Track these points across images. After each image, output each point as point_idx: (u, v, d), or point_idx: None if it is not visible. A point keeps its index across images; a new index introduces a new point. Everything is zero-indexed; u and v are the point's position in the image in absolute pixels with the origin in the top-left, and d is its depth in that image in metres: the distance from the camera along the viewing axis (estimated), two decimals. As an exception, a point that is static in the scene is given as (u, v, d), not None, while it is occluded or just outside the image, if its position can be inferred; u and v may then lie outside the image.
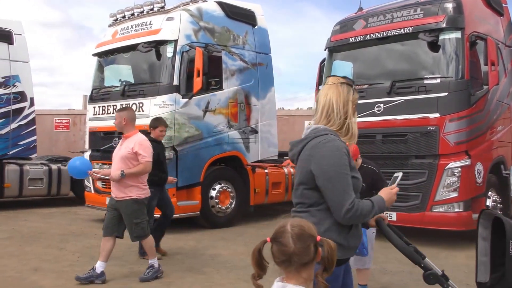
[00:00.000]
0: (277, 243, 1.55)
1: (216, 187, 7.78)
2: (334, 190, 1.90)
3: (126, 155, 4.56)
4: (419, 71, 6.54)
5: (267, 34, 9.03)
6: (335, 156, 1.92)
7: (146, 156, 4.57)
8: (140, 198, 4.60)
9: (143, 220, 4.62)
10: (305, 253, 1.52)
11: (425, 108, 6.15)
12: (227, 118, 7.95)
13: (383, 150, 6.55)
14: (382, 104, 6.54)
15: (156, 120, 5.90)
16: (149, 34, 7.55)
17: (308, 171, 1.97)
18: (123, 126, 4.71)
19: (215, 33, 7.95)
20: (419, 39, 6.29)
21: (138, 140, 4.62)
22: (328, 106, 2.02)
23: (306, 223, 1.59)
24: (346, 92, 2.04)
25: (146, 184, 4.70)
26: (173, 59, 7.29)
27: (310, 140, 2.00)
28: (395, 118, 6.39)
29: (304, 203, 1.99)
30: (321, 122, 2.04)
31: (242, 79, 8.30)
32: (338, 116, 2.01)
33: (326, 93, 2.05)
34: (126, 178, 4.51)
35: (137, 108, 7.49)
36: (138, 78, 8.13)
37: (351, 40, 7.11)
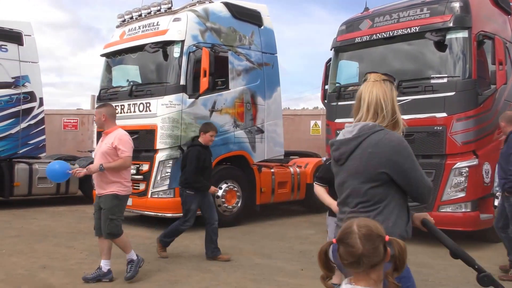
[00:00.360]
0: (344, 245, 1.49)
1: (223, 186, 7.77)
2: (418, 177, 1.93)
3: (106, 150, 4.48)
4: (426, 71, 6.49)
5: (273, 35, 9.01)
6: (406, 146, 1.94)
7: (126, 151, 4.46)
8: (121, 194, 4.48)
9: (118, 217, 4.51)
10: (374, 254, 1.47)
11: (432, 108, 6.08)
12: (233, 118, 7.94)
13: None
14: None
15: (207, 124, 5.70)
16: (156, 35, 7.57)
17: (375, 168, 1.89)
18: (103, 123, 4.61)
19: (221, 34, 7.94)
20: (426, 39, 6.23)
21: (118, 135, 4.52)
22: (375, 103, 1.98)
23: (373, 222, 1.54)
24: (390, 89, 2.02)
25: (129, 181, 4.59)
26: (180, 60, 7.30)
27: (366, 138, 1.93)
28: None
29: (369, 201, 1.92)
30: (369, 119, 1.98)
31: (248, 79, 8.28)
32: (387, 113, 1.97)
33: (371, 90, 2.00)
34: (107, 173, 4.42)
35: (144, 108, 7.51)
36: (145, 78, 8.16)
37: (357, 40, 7.06)
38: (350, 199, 1.98)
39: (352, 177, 1.96)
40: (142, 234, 7.06)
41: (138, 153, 7.56)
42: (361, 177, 1.93)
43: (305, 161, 9.62)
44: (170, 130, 7.18)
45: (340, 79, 7.48)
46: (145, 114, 7.47)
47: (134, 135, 7.56)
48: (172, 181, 7.09)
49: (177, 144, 7.22)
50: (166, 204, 7.15)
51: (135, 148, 7.50)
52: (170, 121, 7.18)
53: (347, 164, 1.98)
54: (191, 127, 7.35)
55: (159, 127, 7.19)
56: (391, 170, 1.90)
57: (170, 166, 7.12)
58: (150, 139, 7.31)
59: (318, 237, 6.98)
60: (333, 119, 7.22)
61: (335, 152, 2.04)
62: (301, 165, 9.36)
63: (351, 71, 7.64)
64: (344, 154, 1.99)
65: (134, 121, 7.60)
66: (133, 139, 7.46)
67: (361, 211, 1.93)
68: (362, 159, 1.93)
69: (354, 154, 1.96)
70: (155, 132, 7.23)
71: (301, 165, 9.39)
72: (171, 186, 7.10)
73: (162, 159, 7.15)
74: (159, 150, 7.22)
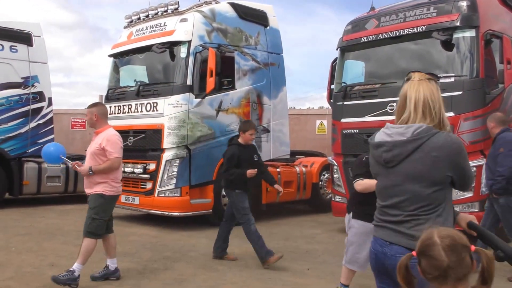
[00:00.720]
0: (426, 258, 1.40)
1: (229, 185, 7.75)
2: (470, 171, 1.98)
3: (95, 151, 4.37)
4: (433, 70, 6.29)
5: (279, 35, 8.98)
6: (463, 146, 1.95)
7: (114, 153, 4.33)
8: (107, 194, 4.35)
9: (101, 218, 4.36)
10: (461, 266, 1.37)
11: None
12: (239, 118, 7.91)
13: None
14: (395, 104, 6.40)
15: (246, 123, 5.54)
16: (163, 35, 7.57)
17: (441, 172, 1.85)
18: (95, 122, 4.49)
19: (227, 34, 7.93)
20: (433, 38, 6.16)
21: (107, 136, 4.38)
22: (423, 103, 1.92)
23: (456, 232, 1.44)
24: (436, 88, 1.97)
25: (118, 181, 4.47)
26: (186, 60, 7.29)
27: (426, 141, 1.87)
28: None
29: (431, 204, 1.88)
30: (418, 119, 1.92)
31: (254, 79, 8.26)
32: (436, 113, 1.93)
33: (417, 89, 1.94)
34: (95, 174, 4.33)
35: (151, 107, 7.51)
36: (152, 78, 8.16)
37: (363, 40, 6.99)
38: (406, 203, 1.90)
39: (410, 180, 1.89)
40: (149, 233, 7.06)
41: (145, 152, 7.61)
42: (424, 181, 1.87)
43: (311, 160, 9.58)
44: (177, 129, 7.18)
45: (346, 79, 7.42)
46: (152, 113, 7.47)
47: (141, 134, 7.66)
48: (179, 180, 7.09)
49: (183, 143, 7.21)
50: (173, 203, 7.14)
51: (142, 147, 7.68)
52: (177, 120, 7.18)
53: (402, 167, 1.91)
54: (198, 126, 7.34)
55: (166, 126, 7.19)
56: (455, 172, 1.89)
57: (176, 165, 7.12)
58: (157, 138, 7.31)
59: (324, 237, 6.93)
60: (339, 119, 7.17)
61: (386, 154, 1.95)
62: (307, 165, 9.32)
63: (357, 70, 7.57)
64: (399, 156, 1.92)
65: (141, 120, 7.62)
66: (140, 139, 7.72)
67: (420, 214, 1.87)
68: (425, 162, 1.87)
69: (412, 157, 1.89)
70: (162, 131, 7.23)
71: (307, 164, 9.34)
72: (178, 185, 7.10)
73: (169, 158, 7.15)
74: (166, 150, 7.22)
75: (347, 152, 7.02)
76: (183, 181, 7.11)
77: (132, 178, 7.69)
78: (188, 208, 7.17)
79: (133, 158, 7.69)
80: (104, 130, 4.47)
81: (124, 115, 7.98)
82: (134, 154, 7.71)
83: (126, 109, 7.96)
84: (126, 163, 7.75)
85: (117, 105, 8.17)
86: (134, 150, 7.74)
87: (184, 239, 6.63)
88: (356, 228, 3.84)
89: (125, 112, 7.96)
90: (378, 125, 6.55)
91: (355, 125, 6.88)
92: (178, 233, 7.03)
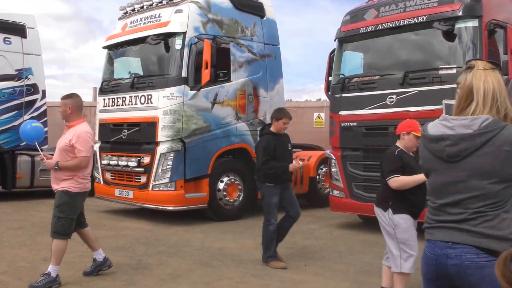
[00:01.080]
0: None
1: (224, 180, 7.64)
2: None
3: (64, 146, 4.13)
4: (434, 62, 6.28)
5: (275, 25, 8.83)
6: None
7: (83, 151, 4.08)
8: (72, 191, 4.10)
9: (67, 216, 4.11)
10: None
11: (440, 100, 5.83)
12: (235, 110, 7.79)
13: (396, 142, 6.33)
14: (395, 96, 6.31)
15: (280, 111, 5.10)
16: (158, 27, 7.44)
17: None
18: (68, 115, 4.22)
19: (223, 25, 7.78)
20: (434, 29, 6.00)
21: (77, 132, 4.12)
22: (492, 94, 1.77)
23: None
24: (501, 78, 1.82)
25: (86, 178, 4.22)
26: (181, 51, 7.16)
27: (496, 134, 1.73)
28: (408, 110, 6.16)
29: (500, 201, 1.74)
30: (486, 111, 1.77)
31: (251, 70, 8.12)
32: (501, 104, 1.78)
33: (485, 79, 1.79)
34: (62, 171, 4.09)
35: (145, 100, 7.37)
36: (147, 70, 8.04)
37: (362, 30, 6.85)
38: (472, 200, 1.76)
39: (478, 176, 1.75)
40: (144, 227, 6.96)
41: (139, 145, 7.48)
42: (494, 176, 1.73)
43: (308, 154, 9.47)
44: (171, 122, 7.05)
45: (344, 71, 7.30)
46: (146, 106, 7.34)
47: (135, 127, 7.52)
48: (174, 173, 6.97)
49: (178, 136, 7.08)
50: (168, 197, 7.03)
51: (136, 140, 7.54)
52: (172, 113, 7.05)
53: (467, 162, 1.76)
54: (193, 119, 7.21)
55: (161, 119, 7.07)
56: None
57: (171, 158, 7.00)
58: (152, 131, 7.19)
59: (322, 232, 6.83)
60: (337, 112, 7.05)
61: (451, 148, 1.79)
62: (304, 158, 9.21)
63: (356, 62, 7.44)
64: (466, 151, 1.76)
65: (135, 113, 7.51)
66: (134, 132, 7.59)
67: (488, 211, 1.73)
68: (496, 157, 1.73)
69: (480, 151, 1.74)
70: (157, 124, 7.11)
71: (304, 158, 9.23)
72: (172, 179, 6.99)
73: (164, 151, 7.02)
74: (161, 143, 7.10)
75: (346, 146, 6.92)
76: (178, 175, 6.99)
77: (126, 172, 7.57)
78: (183, 202, 7.06)
79: (127, 152, 7.58)
80: (77, 124, 4.20)
81: (118, 108, 7.85)
82: (128, 147, 7.60)
83: (120, 102, 7.82)
84: (120, 157, 7.65)
85: (111, 97, 8.03)
86: (128, 143, 7.63)
87: (179, 233, 6.52)
88: (403, 223, 3.53)
89: (119, 105, 7.83)
90: (377, 118, 6.51)
91: (354, 118, 6.77)
92: (173, 228, 6.93)
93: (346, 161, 6.82)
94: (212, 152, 7.43)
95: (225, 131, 7.63)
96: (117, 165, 7.66)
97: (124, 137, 7.59)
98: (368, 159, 6.58)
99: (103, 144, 8.19)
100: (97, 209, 8.58)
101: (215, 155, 7.47)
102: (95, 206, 8.86)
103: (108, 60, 8.58)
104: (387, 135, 6.34)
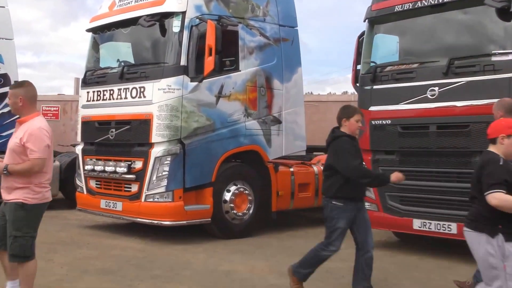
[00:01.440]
0: None
1: (231, 189, 7.69)
2: None
3: (14, 147, 4.03)
4: (486, 46, 6.24)
5: (292, 3, 8.88)
6: None
7: (36, 152, 3.95)
8: (29, 203, 3.98)
9: (25, 234, 3.99)
10: None
11: (493, 92, 5.87)
12: (244, 105, 7.85)
13: (439, 144, 6.35)
14: (437, 88, 6.31)
15: (347, 107, 4.85)
16: (152, 6, 7.53)
17: None
18: (20, 108, 4.12)
19: (230, 3, 7.85)
20: (486, 5, 5.97)
21: (29, 129, 4.00)
22: None
23: None
24: None
25: (45, 185, 4.13)
26: (180, 35, 7.23)
27: None
28: (454, 104, 6.17)
29: None
30: None
31: (263, 58, 8.17)
32: None
33: None
34: (13, 176, 3.99)
35: (137, 93, 7.47)
36: (139, 58, 8.11)
37: (397, 9, 6.85)
38: None
39: None
40: (134, 246, 7.04)
41: (130, 147, 7.57)
42: None
43: (331, 158, 9.48)
44: (168, 120, 7.13)
45: (376, 58, 7.31)
46: (138, 100, 7.43)
47: (125, 126, 7.62)
48: (171, 181, 7.05)
49: (176, 136, 7.15)
50: (164, 210, 7.10)
51: (126, 141, 7.63)
52: (169, 109, 7.13)
53: None
54: (194, 116, 7.27)
55: (156, 116, 7.15)
56: None
57: (168, 163, 7.08)
58: (145, 131, 7.28)
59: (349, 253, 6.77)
60: (368, 107, 7.06)
61: None
62: (327, 163, 9.23)
63: (390, 47, 7.44)
64: None
65: (125, 109, 7.59)
66: (124, 131, 7.69)
67: None
68: None
69: None
70: (151, 122, 7.18)
71: (327, 163, 9.26)
72: (169, 188, 7.06)
73: (159, 155, 7.10)
74: (155, 144, 7.18)
75: (377, 148, 6.94)
76: (176, 183, 7.07)
77: (114, 179, 7.66)
78: (182, 216, 7.11)
79: (116, 155, 7.67)
80: (30, 119, 4.09)
81: (104, 103, 7.95)
82: (117, 150, 7.70)
83: (107, 96, 7.93)
84: (107, 161, 7.75)
85: (96, 90, 8.14)
86: (117, 145, 7.73)
87: (177, 254, 6.58)
88: None
89: (106, 99, 7.93)
90: (416, 115, 6.49)
91: (387, 115, 6.78)
92: (170, 247, 7.00)
93: (378, 167, 6.84)
94: (217, 155, 7.48)
95: (232, 130, 7.68)
96: (104, 171, 7.76)
97: (112, 137, 7.67)
98: (404, 164, 6.57)
99: (86, 146, 8.30)
100: (79, 224, 8.69)
101: (221, 159, 7.52)
102: (77, 220, 8.99)
103: (93, 45, 8.67)
104: (428, 136, 6.35)
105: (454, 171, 6.21)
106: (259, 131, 8.06)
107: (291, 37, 8.71)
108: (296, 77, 8.77)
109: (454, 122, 6.26)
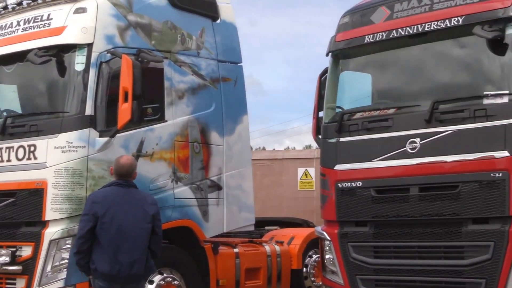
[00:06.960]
0: None
1: (155, 279, 7.65)
2: None
3: None
4: (476, 86, 6.57)
5: (235, 32, 9.18)
6: None
7: None
8: None
9: None
10: None
11: (485, 144, 6.16)
12: (172, 167, 7.96)
13: (422, 211, 6.55)
14: (418, 139, 6.57)
15: None
16: (47, 35, 7.58)
17: None
18: None
19: (152, 32, 8.05)
20: (475, 36, 6.30)
21: None
22: None
23: None
24: None
25: None
26: (85, 75, 7.33)
27: None
28: (439, 160, 6.45)
29: None
30: None
31: (197, 103, 8.38)
32: None
33: None
34: None
35: (25, 153, 7.39)
36: (28, 105, 8.12)
37: (368, 40, 7.12)
38: None
39: None
40: None
41: (15, 228, 7.43)
42: None
43: (289, 233, 9.68)
44: (69, 189, 7.12)
45: (343, 102, 7.58)
46: (27, 164, 7.38)
47: (8, 198, 7.47)
48: (72, 273, 6.95)
49: (80, 211, 7.08)
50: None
51: (9, 220, 7.46)
52: (69, 174, 7.14)
53: None
54: (103, 183, 7.25)
55: (51, 184, 7.13)
56: None
57: (68, 248, 6.99)
58: (35, 204, 7.22)
59: None
60: (332, 165, 7.26)
61: None
62: (283, 241, 9.39)
63: (360, 88, 7.78)
64: None
65: (8, 175, 7.52)
66: (7, 206, 7.47)
67: None
68: None
69: None
70: (44, 192, 7.15)
71: (283, 240, 9.42)
72: (70, 281, 6.99)
73: (56, 236, 7.03)
74: (51, 223, 7.13)
75: (346, 219, 7.12)
76: (79, 275, 6.95)
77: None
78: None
79: (-6, 239, 7.51)
80: None
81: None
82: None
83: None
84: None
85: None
86: (-4, 225, 7.58)
87: None
88: None
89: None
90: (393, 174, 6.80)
91: (358, 175, 7.01)
92: None
93: (347, 243, 7.01)
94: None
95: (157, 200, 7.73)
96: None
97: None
98: (380, 238, 6.80)
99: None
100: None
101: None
102: None
103: (-38, 89, 8.64)
104: (409, 200, 6.56)
105: (442, 244, 6.44)
106: (193, 201, 8.17)
107: (234, 76, 8.99)
108: (241, 128, 8.97)
109: (439, 182, 6.49)
